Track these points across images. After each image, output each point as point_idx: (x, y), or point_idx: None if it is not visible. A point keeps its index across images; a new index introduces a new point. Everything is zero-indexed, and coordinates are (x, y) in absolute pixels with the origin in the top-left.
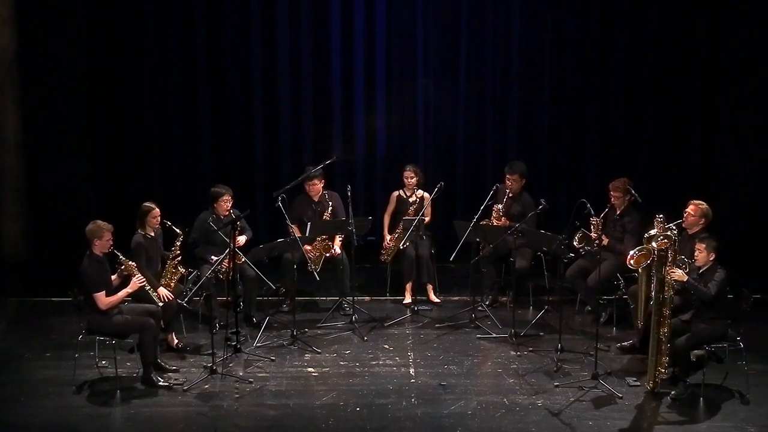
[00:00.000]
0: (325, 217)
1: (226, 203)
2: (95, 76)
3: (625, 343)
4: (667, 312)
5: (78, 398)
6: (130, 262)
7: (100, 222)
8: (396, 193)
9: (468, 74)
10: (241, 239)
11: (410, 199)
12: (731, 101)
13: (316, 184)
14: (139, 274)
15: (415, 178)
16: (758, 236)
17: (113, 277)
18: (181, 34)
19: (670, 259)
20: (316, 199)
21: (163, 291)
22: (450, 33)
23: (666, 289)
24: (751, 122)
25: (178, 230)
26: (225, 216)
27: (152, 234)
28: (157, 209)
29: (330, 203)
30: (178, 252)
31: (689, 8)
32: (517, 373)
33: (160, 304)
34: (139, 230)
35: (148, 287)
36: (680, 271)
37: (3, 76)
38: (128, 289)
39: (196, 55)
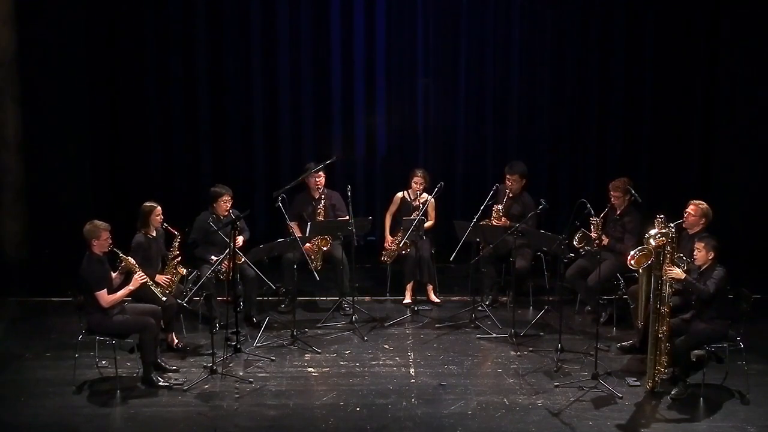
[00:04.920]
0: (319, 209)
1: (225, 203)
2: (95, 76)
3: (625, 343)
4: (665, 310)
5: (78, 398)
6: (130, 259)
7: (97, 222)
8: (400, 194)
9: (468, 74)
10: (239, 239)
11: (414, 203)
12: (731, 101)
13: (321, 177)
14: (140, 272)
15: (423, 184)
16: (758, 236)
17: (114, 275)
18: (181, 34)
19: (668, 258)
20: (316, 195)
21: (161, 278)
22: (450, 33)
23: (664, 287)
24: (751, 122)
25: (175, 232)
26: (224, 216)
27: (153, 234)
28: (159, 208)
29: (330, 201)
30: (177, 252)
31: (689, 8)
32: (517, 373)
33: (164, 299)
34: (140, 230)
35: (150, 283)
36: (678, 269)
37: (3, 76)
38: (130, 287)
39: (196, 55)
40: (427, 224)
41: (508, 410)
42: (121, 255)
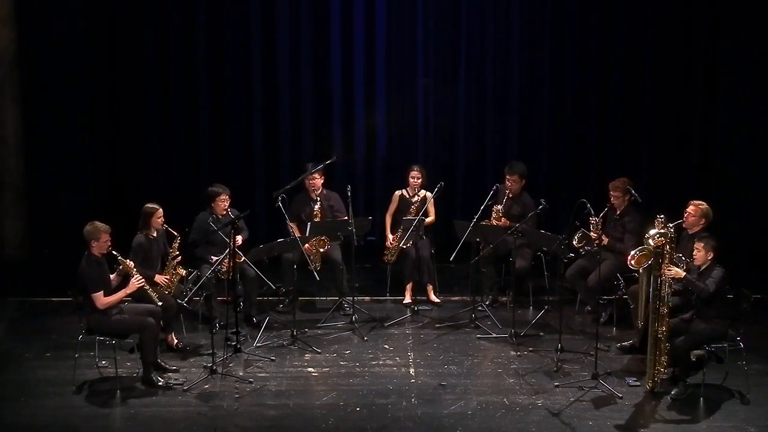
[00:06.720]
0: (316, 211)
1: (223, 202)
2: (95, 76)
3: (625, 343)
4: (665, 310)
5: (78, 398)
6: (128, 262)
7: (97, 223)
8: (398, 193)
9: (468, 74)
10: (238, 239)
11: (413, 199)
12: (731, 101)
13: (315, 179)
14: (138, 275)
15: (421, 179)
16: (758, 236)
17: (112, 276)
18: (181, 34)
19: (666, 257)
20: (314, 196)
21: (160, 278)
22: (450, 33)
23: (663, 287)
24: (751, 122)
25: (175, 233)
26: (222, 215)
27: (154, 235)
28: (161, 210)
29: (329, 202)
30: (177, 253)
31: (689, 8)
32: (517, 373)
33: (160, 303)
34: (141, 231)
35: (147, 287)
36: (676, 268)
37: (3, 76)
38: (127, 290)
39: (197, 55)
40: (428, 220)
41: (508, 410)
42: (119, 257)
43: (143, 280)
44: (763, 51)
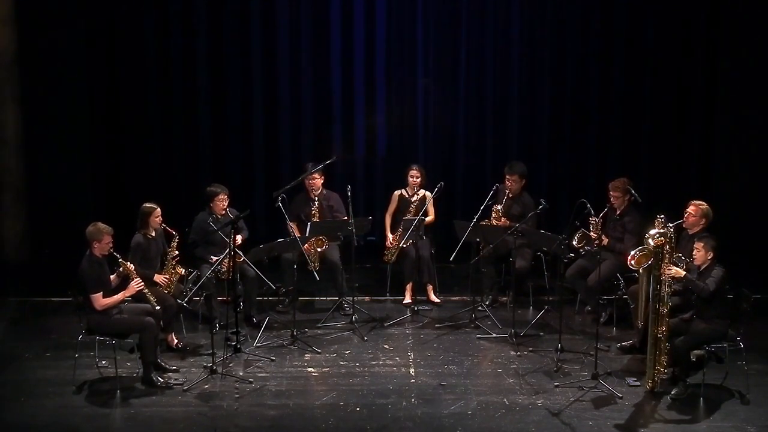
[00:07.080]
0: (314, 211)
1: (221, 202)
2: (95, 76)
3: (625, 343)
4: (664, 310)
5: (78, 398)
6: (129, 264)
7: (100, 224)
8: (398, 192)
9: (468, 74)
10: (237, 238)
11: (412, 199)
12: (731, 101)
13: (315, 179)
14: (138, 278)
15: (420, 178)
16: (758, 236)
17: (112, 277)
18: (181, 34)
19: (666, 257)
20: (314, 196)
21: (160, 277)
22: (450, 33)
23: (663, 287)
24: (751, 122)
25: (174, 232)
26: (221, 215)
27: (152, 234)
28: (159, 210)
29: (328, 202)
30: (176, 253)
31: (689, 8)
32: (517, 373)
33: (158, 307)
34: (140, 230)
35: (146, 291)
36: (676, 268)
37: (3, 77)
38: (126, 293)
39: (197, 55)
40: (428, 219)
41: (508, 410)
42: (120, 259)
43: (143, 283)
44: (763, 51)
